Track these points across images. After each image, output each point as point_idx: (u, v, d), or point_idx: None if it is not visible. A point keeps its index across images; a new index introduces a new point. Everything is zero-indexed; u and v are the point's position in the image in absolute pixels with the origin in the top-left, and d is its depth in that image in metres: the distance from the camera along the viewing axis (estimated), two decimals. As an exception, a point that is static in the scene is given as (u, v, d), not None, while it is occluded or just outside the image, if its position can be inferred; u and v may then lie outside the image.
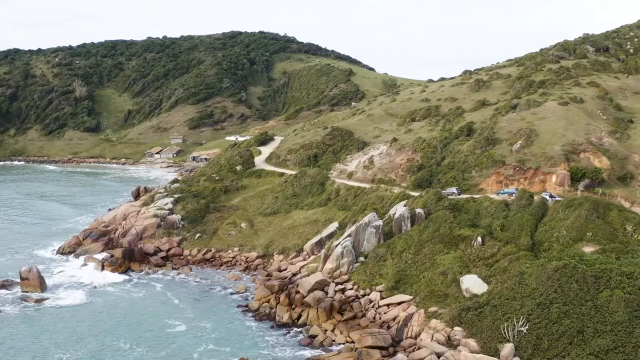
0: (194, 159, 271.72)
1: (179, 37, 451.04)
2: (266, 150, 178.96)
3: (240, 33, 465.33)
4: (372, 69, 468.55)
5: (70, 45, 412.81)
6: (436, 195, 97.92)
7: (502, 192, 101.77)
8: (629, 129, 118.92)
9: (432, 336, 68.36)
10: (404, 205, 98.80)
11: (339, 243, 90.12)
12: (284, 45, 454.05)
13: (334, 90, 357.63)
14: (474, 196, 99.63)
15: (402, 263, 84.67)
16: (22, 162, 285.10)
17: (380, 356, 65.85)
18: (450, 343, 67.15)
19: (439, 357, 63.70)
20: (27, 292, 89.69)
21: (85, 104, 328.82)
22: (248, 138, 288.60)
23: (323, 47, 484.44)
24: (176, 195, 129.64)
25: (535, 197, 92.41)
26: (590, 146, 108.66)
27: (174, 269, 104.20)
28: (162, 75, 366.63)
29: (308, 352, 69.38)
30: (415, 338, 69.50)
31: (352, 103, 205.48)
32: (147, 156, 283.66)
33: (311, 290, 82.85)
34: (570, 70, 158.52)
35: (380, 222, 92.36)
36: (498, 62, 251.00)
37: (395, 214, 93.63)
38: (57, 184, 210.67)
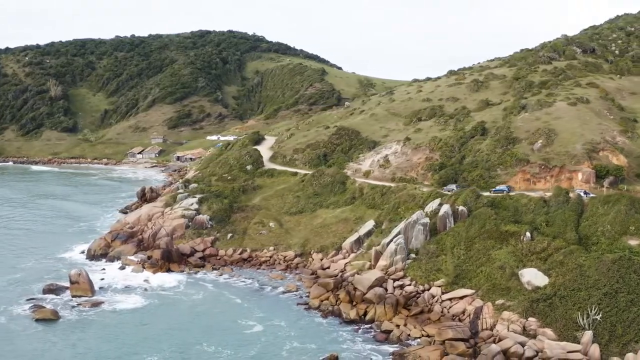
0: (178, 158, 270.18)
1: (147, 35, 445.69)
2: (262, 150, 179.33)
3: (209, 32, 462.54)
4: (340, 68, 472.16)
5: (37, 44, 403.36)
6: (474, 193, 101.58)
7: (494, 189, 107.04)
8: (636, 129, 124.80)
9: (508, 327, 71.53)
10: (439, 204, 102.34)
11: (392, 240, 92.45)
12: (254, 45, 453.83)
13: (310, 89, 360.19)
14: (510, 193, 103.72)
15: (455, 259, 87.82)
16: (10, 163, 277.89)
17: (465, 347, 68.64)
18: (526, 333, 70.46)
19: (523, 346, 67.00)
20: (77, 296, 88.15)
21: (61, 104, 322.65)
22: (231, 138, 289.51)
23: (292, 46, 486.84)
24: (199, 196, 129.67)
25: (571, 194, 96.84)
26: (607, 145, 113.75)
27: (214, 269, 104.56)
28: (136, 75, 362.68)
29: (388, 347, 71.52)
30: (491, 329, 72.57)
31: (346, 102, 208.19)
32: (129, 156, 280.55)
33: (371, 287, 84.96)
34: (566, 72, 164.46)
35: (427, 220, 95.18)
36: (479, 63, 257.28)
37: (439, 211, 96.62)
38: (53, 184, 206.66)
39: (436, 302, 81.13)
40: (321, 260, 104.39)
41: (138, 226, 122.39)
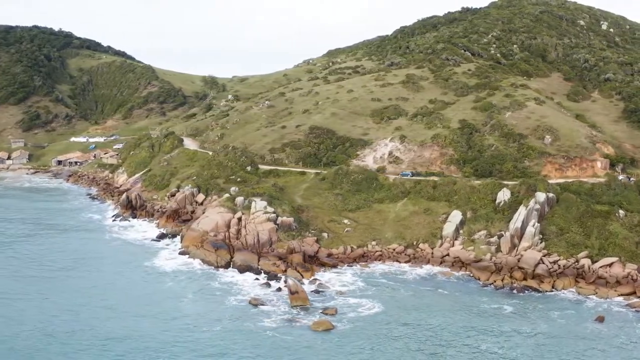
0: (59, 162, 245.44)
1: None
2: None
3: (12, 27, 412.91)
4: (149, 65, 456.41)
5: None
6: (545, 182, 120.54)
7: (402, 174, 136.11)
8: (594, 124, 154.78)
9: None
10: (509, 191, 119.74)
11: (524, 225, 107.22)
12: (66, 41, 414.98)
13: (149, 87, 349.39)
14: (567, 180, 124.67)
15: (582, 235, 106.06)
16: None
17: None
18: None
19: None
20: (297, 306, 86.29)
21: None
22: (101, 139, 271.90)
23: (99, 42, 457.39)
24: (257, 198, 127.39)
25: (621, 179, 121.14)
26: (597, 138, 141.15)
27: (349, 266, 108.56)
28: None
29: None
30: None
31: (266, 102, 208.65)
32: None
33: (536, 265, 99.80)
34: (487, 74, 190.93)
35: (539, 206, 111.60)
36: (311, 60, 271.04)
37: (540, 199, 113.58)
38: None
39: (594, 270, 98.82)
40: (432, 249, 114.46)
41: (221, 233, 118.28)
